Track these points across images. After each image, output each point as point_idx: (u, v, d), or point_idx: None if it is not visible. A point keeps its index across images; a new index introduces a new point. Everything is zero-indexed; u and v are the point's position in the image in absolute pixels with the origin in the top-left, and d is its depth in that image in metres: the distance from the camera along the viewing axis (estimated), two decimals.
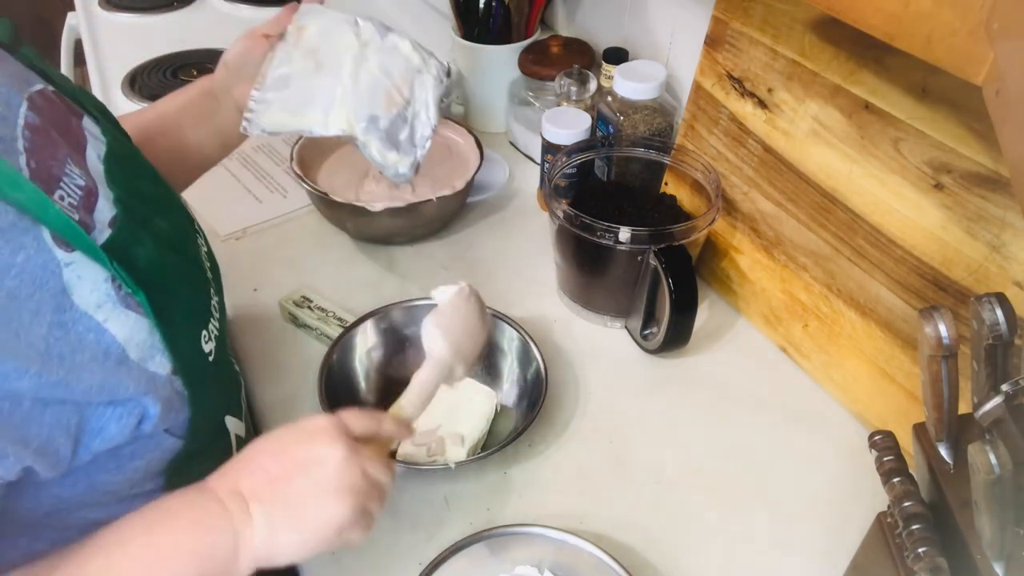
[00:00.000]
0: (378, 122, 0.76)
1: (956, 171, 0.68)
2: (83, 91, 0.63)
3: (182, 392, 0.55)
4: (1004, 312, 0.44)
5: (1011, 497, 0.41)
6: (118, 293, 0.50)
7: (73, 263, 0.48)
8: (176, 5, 1.64)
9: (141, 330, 0.51)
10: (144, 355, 0.51)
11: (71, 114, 0.57)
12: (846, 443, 0.79)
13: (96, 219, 0.52)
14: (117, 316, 0.50)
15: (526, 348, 0.82)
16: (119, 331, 0.50)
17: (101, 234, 0.51)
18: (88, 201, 0.52)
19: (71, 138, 0.55)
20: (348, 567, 0.68)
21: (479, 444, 0.76)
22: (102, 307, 0.49)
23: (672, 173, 0.98)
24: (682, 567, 0.68)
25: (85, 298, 0.48)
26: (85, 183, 0.52)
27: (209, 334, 0.60)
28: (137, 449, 0.54)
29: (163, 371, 0.53)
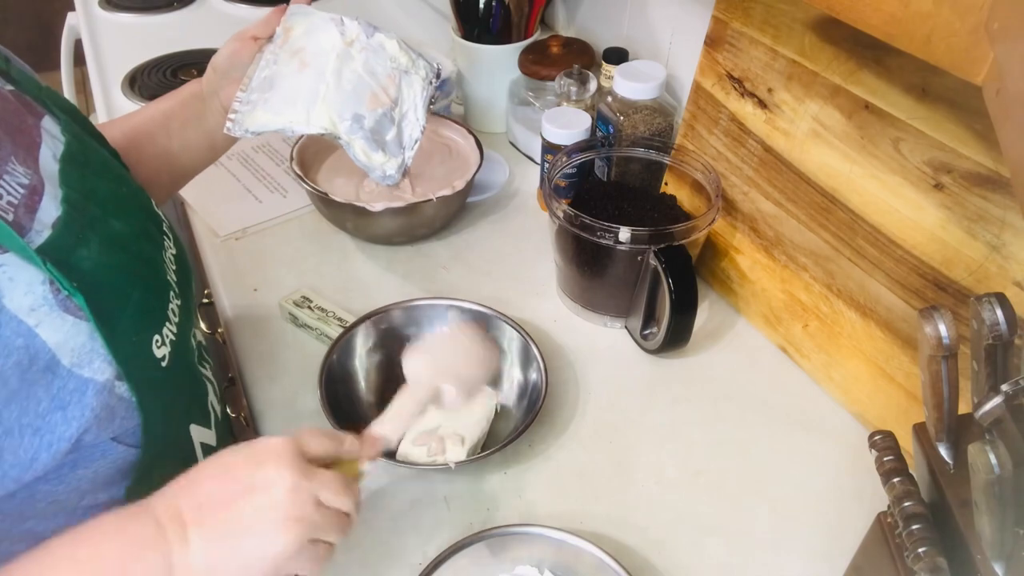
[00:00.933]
0: (362, 121, 0.76)
1: (956, 171, 0.68)
2: (50, 91, 0.62)
3: (128, 398, 0.53)
4: (1004, 312, 0.44)
5: (1011, 497, 0.41)
6: (56, 296, 0.49)
7: (5, 265, 0.47)
8: (176, 5, 1.64)
9: (79, 334, 0.50)
10: (80, 360, 0.50)
11: (28, 113, 0.56)
12: (846, 443, 0.79)
13: (37, 219, 0.51)
14: (52, 320, 0.48)
15: (526, 348, 0.82)
16: (51, 336, 0.48)
17: (40, 235, 0.50)
18: (31, 200, 0.51)
19: (22, 137, 0.54)
20: (347, 567, 0.68)
21: (479, 444, 0.76)
22: (36, 311, 0.48)
23: (672, 173, 0.98)
24: (682, 567, 0.68)
25: (17, 301, 0.47)
26: (30, 182, 0.51)
27: (163, 339, 0.57)
28: (79, 458, 0.52)
29: (101, 377, 0.51)
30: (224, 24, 1.58)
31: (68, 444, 0.49)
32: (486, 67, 1.19)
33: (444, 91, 1.17)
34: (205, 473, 0.51)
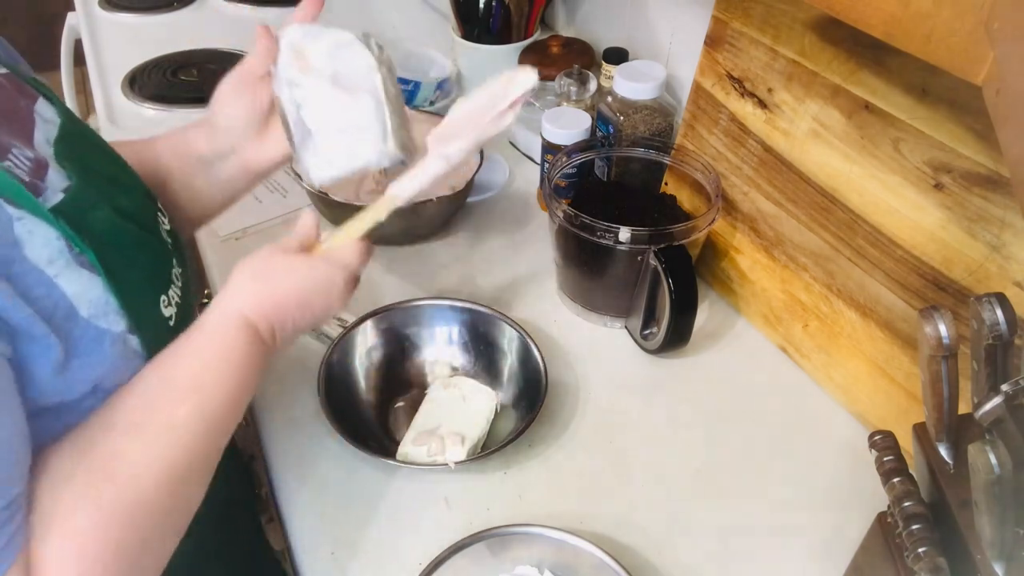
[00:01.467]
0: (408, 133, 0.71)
1: (956, 171, 0.68)
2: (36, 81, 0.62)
3: (139, 351, 0.55)
4: (1004, 312, 0.44)
5: (1011, 497, 0.41)
6: (71, 252, 0.51)
7: (23, 218, 0.49)
8: (176, 5, 1.64)
9: (95, 287, 0.52)
10: (96, 312, 0.52)
11: (22, 96, 0.57)
12: (846, 443, 0.79)
13: (48, 183, 0.52)
14: (69, 273, 0.50)
15: (526, 348, 0.82)
16: (69, 287, 0.50)
17: (54, 195, 0.52)
18: (39, 171, 0.52)
19: (17, 122, 0.55)
20: (348, 567, 0.68)
21: (479, 444, 0.76)
22: (54, 263, 0.50)
23: (672, 173, 0.98)
24: (682, 567, 0.68)
25: (36, 252, 0.49)
26: (34, 156, 0.53)
27: (169, 299, 0.60)
28: (97, 403, 0.54)
29: (116, 328, 0.53)
30: (224, 24, 1.58)
31: (89, 386, 0.52)
32: (486, 67, 1.19)
33: (444, 91, 1.17)
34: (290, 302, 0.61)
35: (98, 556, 0.48)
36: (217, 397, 0.56)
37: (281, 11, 1.64)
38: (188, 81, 1.35)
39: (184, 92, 1.32)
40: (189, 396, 0.55)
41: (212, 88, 0.75)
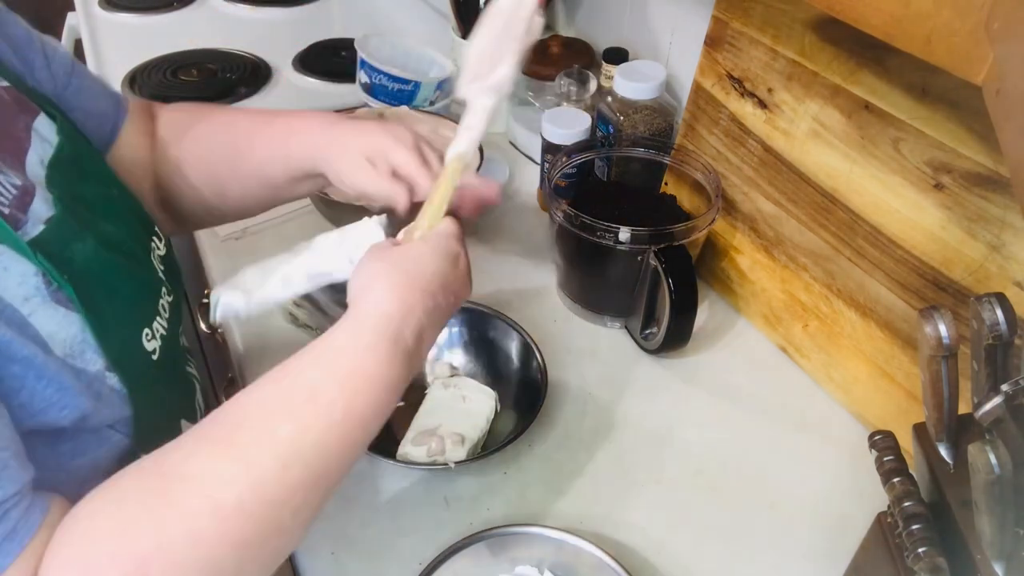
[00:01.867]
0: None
1: (956, 171, 0.68)
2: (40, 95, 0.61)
3: (119, 390, 0.53)
4: (1004, 312, 0.44)
5: (1011, 497, 0.41)
6: (48, 288, 0.49)
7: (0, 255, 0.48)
8: (176, 5, 1.64)
9: (71, 325, 0.50)
10: (72, 351, 0.50)
11: (21, 113, 0.56)
12: (846, 443, 0.79)
13: (31, 214, 0.51)
14: (45, 311, 0.49)
15: (526, 348, 0.82)
16: (44, 326, 0.49)
17: (33, 228, 0.51)
18: (22, 200, 0.51)
19: (10, 141, 0.54)
20: (348, 567, 0.68)
21: (479, 444, 0.76)
22: (30, 300, 0.48)
23: (672, 173, 0.98)
24: (682, 567, 0.68)
25: (11, 291, 0.48)
26: (22, 183, 0.52)
27: (153, 333, 0.57)
28: (79, 445, 0.52)
29: (92, 368, 0.51)
30: (224, 24, 1.58)
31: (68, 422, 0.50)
32: None
33: (444, 91, 1.17)
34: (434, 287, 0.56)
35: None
36: (329, 419, 0.49)
37: (281, 11, 1.64)
38: (188, 81, 1.35)
39: (184, 92, 1.32)
40: (298, 410, 0.49)
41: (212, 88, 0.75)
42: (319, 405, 0.49)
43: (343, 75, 1.33)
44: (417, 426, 0.77)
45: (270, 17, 1.63)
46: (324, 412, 0.49)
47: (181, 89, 1.33)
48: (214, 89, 1.32)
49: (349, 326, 0.53)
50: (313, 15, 1.64)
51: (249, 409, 0.49)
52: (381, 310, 0.53)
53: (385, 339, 0.52)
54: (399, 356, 0.53)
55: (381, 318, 0.53)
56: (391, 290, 0.54)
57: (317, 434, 0.48)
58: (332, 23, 1.60)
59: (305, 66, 1.41)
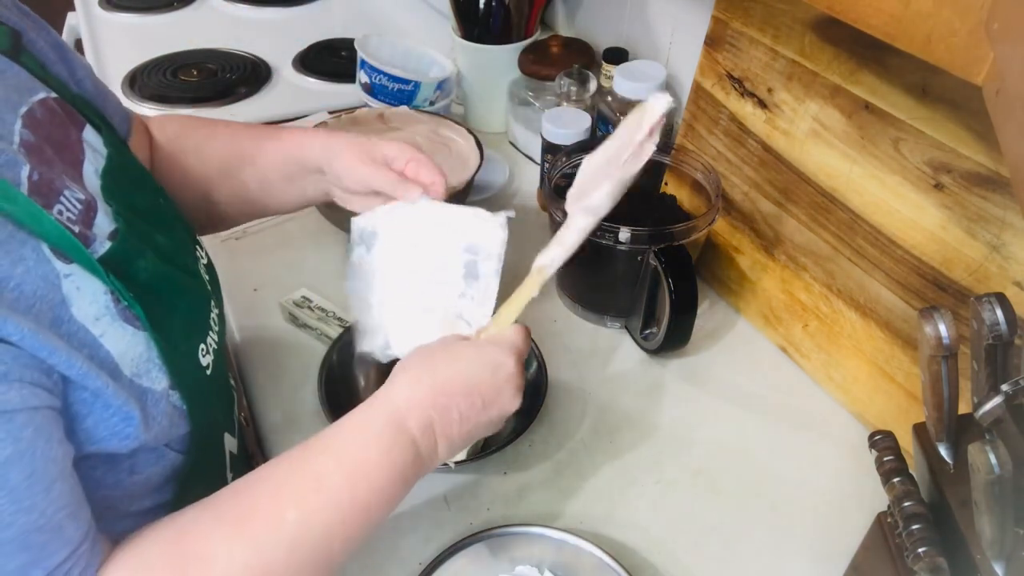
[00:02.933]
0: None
1: (956, 171, 0.68)
2: (83, 101, 0.61)
3: (180, 407, 0.54)
4: (1004, 312, 0.44)
5: (1011, 497, 0.41)
6: (117, 306, 0.50)
7: (72, 275, 0.47)
8: (176, 5, 1.64)
9: (138, 344, 0.51)
10: (139, 370, 0.51)
11: (72, 125, 0.56)
12: (846, 443, 0.79)
13: (95, 232, 0.51)
14: (115, 330, 0.49)
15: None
16: (115, 346, 0.49)
17: (101, 246, 0.51)
18: (87, 215, 0.51)
19: (68, 153, 0.54)
20: (348, 567, 0.68)
21: (479, 444, 0.76)
22: (100, 320, 0.49)
23: (672, 173, 0.98)
24: (682, 567, 0.68)
25: (84, 310, 0.48)
26: (84, 197, 0.52)
27: (207, 347, 0.59)
28: (136, 463, 0.53)
29: (159, 387, 0.52)
30: (224, 24, 1.58)
31: (127, 450, 0.50)
32: (486, 67, 1.19)
33: (444, 91, 1.17)
34: (454, 388, 0.57)
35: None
36: (335, 507, 0.51)
37: (281, 11, 1.64)
38: (188, 81, 1.35)
39: (184, 92, 1.32)
40: (305, 497, 0.51)
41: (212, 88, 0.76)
42: (325, 493, 0.51)
43: (343, 75, 1.33)
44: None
45: (270, 17, 1.63)
46: (330, 500, 0.51)
47: (181, 89, 1.33)
48: (214, 89, 1.33)
49: (361, 412, 0.56)
50: (313, 15, 1.64)
51: (262, 492, 0.52)
52: (391, 400, 0.56)
53: (390, 427, 0.55)
54: (404, 446, 0.54)
55: (389, 407, 0.55)
56: (407, 384, 0.57)
57: (323, 521, 0.51)
58: (332, 23, 1.60)
59: (305, 66, 1.41)
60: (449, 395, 0.57)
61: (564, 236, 0.65)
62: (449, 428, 0.57)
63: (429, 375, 0.57)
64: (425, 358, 0.59)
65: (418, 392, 0.56)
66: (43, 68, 0.58)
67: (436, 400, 0.56)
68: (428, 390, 0.56)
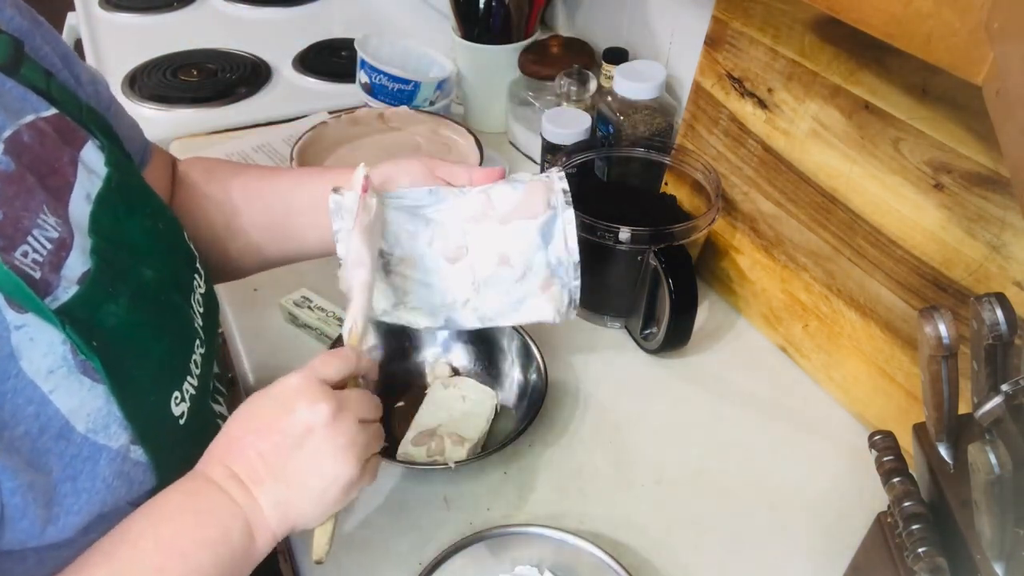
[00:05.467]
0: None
1: (956, 171, 0.68)
2: (90, 110, 0.59)
3: (144, 462, 0.51)
4: (1004, 312, 0.44)
5: (1011, 497, 0.41)
6: (75, 358, 0.47)
7: (25, 325, 0.45)
8: (176, 5, 1.64)
9: (96, 398, 0.48)
10: (95, 426, 0.48)
11: (66, 145, 0.53)
12: (846, 443, 0.79)
13: (63, 275, 0.49)
14: (69, 384, 0.47)
15: (526, 348, 0.82)
16: (66, 402, 0.47)
17: (65, 292, 0.48)
18: (57, 256, 0.49)
19: (56, 178, 0.51)
20: (348, 567, 0.68)
21: (479, 444, 0.76)
22: (54, 373, 0.46)
23: (672, 173, 0.98)
24: (682, 567, 0.68)
25: (36, 363, 0.46)
26: (59, 234, 0.50)
27: (183, 395, 0.55)
28: (93, 525, 0.50)
29: (115, 443, 0.49)
30: (224, 24, 1.58)
31: (78, 517, 0.48)
32: (486, 67, 1.19)
33: (444, 91, 1.17)
34: (243, 430, 0.52)
35: None
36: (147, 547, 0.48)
37: (281, 11, 1.64)
38: (188, 81, 1.35)
39: (184, 92, 1.32)
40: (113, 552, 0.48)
41: (212, 88, 0.75)
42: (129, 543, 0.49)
43: (343, 75, 1.33)
44: (417, 426, 0.77)
45: (270, 17, 1.63)
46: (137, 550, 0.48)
47: (181, 89, 1.33)
48: (214, 89, 1.32)
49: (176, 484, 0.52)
50: (313, 15, 1.64)
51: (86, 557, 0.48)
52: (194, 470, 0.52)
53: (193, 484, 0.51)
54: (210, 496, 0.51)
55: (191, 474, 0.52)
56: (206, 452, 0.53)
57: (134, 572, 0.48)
58: (332, 23, 1.60)
59: (305, 66, 1.41)
60: (238, 439, 0.52)
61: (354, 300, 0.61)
62: (256, 472, 0.51)
63: (222, 432, 0.53)
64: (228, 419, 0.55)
65: (214, 445, 0.53)
66: (47, 77, 0.56)
67: (230, 447, 0.52)
68: (222, 441, 0.53)
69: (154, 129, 1.22)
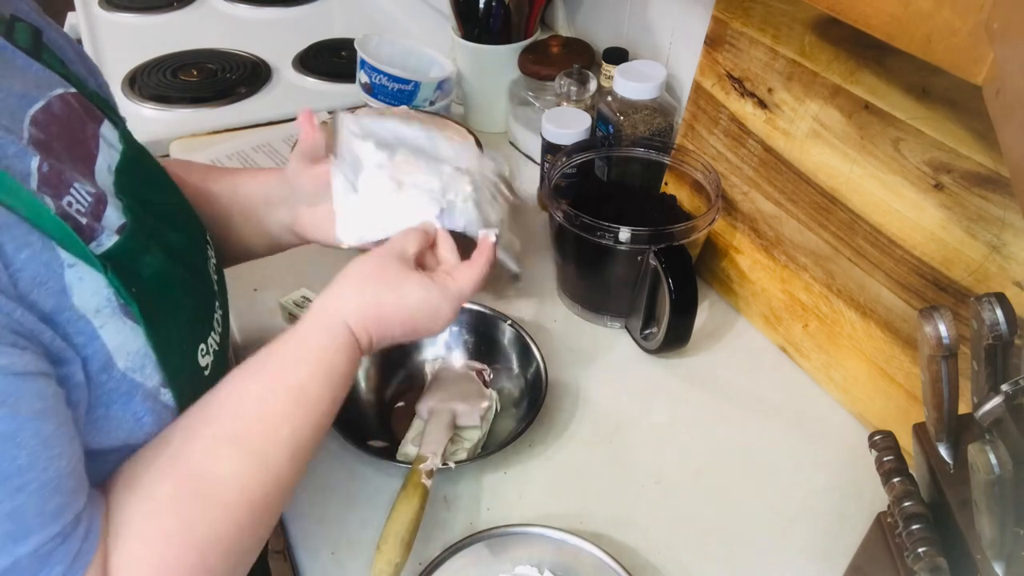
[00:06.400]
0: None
1: (956, 171, 0.68)
2: (102, 99, 0.62)
3: (171, 406, 0.54)
4: (1004, 312, 0.44)
5: (1011, 497, 0.41)
6: (117, 301, 0.50)
7: (76, 265, 0.48)
8: (176, 5, 1.64)
9: (136, 339, 0.51)
10: (133, 365, 0.51)
11: (89, 120, 0.56)
12: (846, 443, 0.79)
13: (104, 225, 0.51)
14: (114, 323, 0.50)
15: (526, 348, 0.82)
16: (112, 338, 0.49)
17: (108, 239, 0.51)
18: (97, 208, 0.52)
19: (81, 149, 0.54)
20: (348, 567, 0.68)
21: (479, 444, 0.76)
22: (100, 312, 0.49)
23: (672, 173, 0.98)
24: (682, 567, 0.68)
25: (86, 301, 0.48)
26: (95, 191, 0.52)
27: (208, 347, 0.59)
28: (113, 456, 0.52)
29: (149, 383, 0.52)
30: (224, 24, 1.58)
31: (107, 439, 0.51)
32: (486, 67, 1.19)
33: (444, 91, 1.17)
34: (395, 317, 0.62)
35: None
36: (317, 413, 0.57)
37: (281, 11, 1.64)
38: (188, 81, 1.35)
39: (184, 92, 1.32)
40: (293, 412, 0.56)
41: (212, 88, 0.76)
42: (307, 404, 0.56)
43: (343, 75, 1.33)
44: (417, 426, 0.77)
45: (270, 17, 1.63)
46: (313, 409, 0.57)
47: (181, 89, 1.33)
48: (214, 89, 1.32)
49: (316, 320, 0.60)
50: (313, 15, 1.64)
51: (251, 408, 0.55)
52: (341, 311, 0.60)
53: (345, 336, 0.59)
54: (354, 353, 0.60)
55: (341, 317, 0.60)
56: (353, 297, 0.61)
57: (310, 425, 0.56)
58: (332, 23, 1.60)
59: (305, 66, 1.41)
60: (389, 321, 0.61)
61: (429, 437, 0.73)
62: (382, 342, 0.62)
63: (374, 296, 0.61)
64: (373, 278, 0.62)
65: (365, 310, 0.60)
66: (63, 65, 0.58)
67: (379, 322, 0.61)
68: (374, 311, 0.61)
69: (154, 129, 1.23)
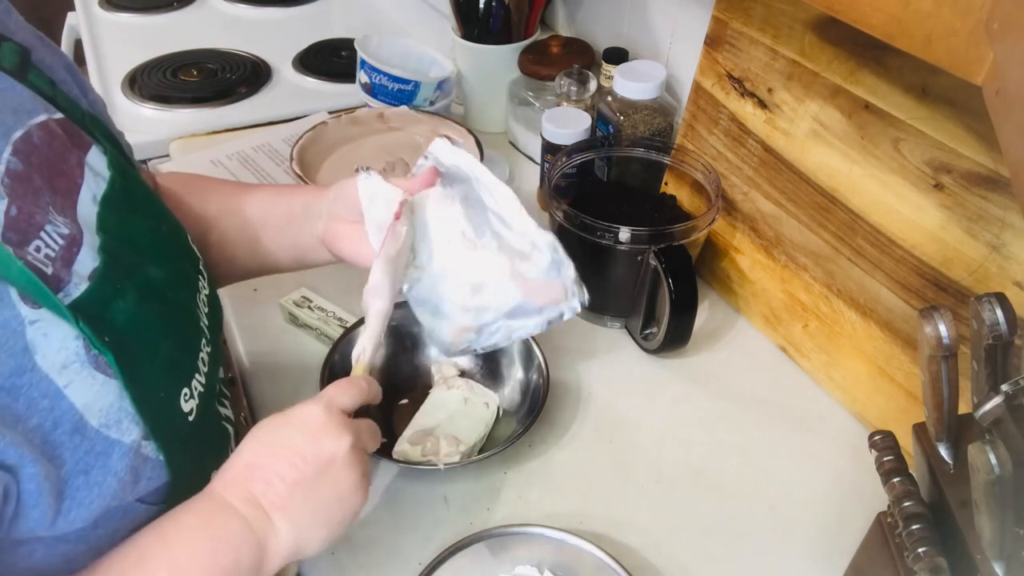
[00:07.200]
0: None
1: (956, 171, 0.68)
2: (92, 117, 0.60)
3: (155, 458, 0.51)
4: (1004, 312, 0.44)
5: (1011, 497, 0.41)
6: (88, 353, 0.48)
7: (39, 320, 0.46)
8: (176, 5, 1.64)
9: (109, 393, 0.49)
10: (108, 420, 0.48)
11: (73, 148, 0.54)
12: (846, 443, 0.79)
13: (74, 271, 0.49)
14: (82, 380, 0.47)
15: (527, 348, 0.82)
16: (80, 397, 0.47)
17: (76, 288, 0.49)
18: (69, 252, 0.49)
19: (63, 180, 0.52)
20: (348, 567, 0.68)
21: (475, 448, 0.76)
22: (68, 368, 0.47)
23: (672, 173, 0.98)
24: (682, 567, 0.68)
25: (50, 358, 0.46)
26: (69, 232, 0.50)
27: (191, 391, 0.56)
28: (101, 519, 0.50)
29: (128, 438, 0.49)
30: (224, 24, 1.58)
31: (88, 511, 0.48)
32: (486, 67, 1.19)
33: (444, 91, 1.17)
34: (262, 455, 0.54)
35: None
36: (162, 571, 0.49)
37: (281, 11, 1.64)
38: (188, 81, 1.35)
39: (184, 92, 1.32)
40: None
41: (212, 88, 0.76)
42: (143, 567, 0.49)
43: (343, 75, 1.33)
44: (416, 424, 0.77)
45: (270, 17, 1.63)
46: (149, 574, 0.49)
47: (181, 89, 1.33)
48: (214, 89, 1.32)
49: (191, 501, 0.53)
50: (313, 15, 1.65)
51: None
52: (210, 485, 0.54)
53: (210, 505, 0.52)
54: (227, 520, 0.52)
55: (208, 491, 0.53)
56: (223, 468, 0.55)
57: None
58: (332, 23, 1.60)
59: (305, 66, 1.41)
60: (259, 464, 0.53)
61: (368, 325, 0.64)
62: (278, 497, 0.53)
63: (238, 455, 0.55)
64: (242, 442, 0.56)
65: (231, 468, 0.54)
66: (52, 86, 0.56)
67: (252, 473, 0.53)
68: (240, 465, 0.54)
69: (154, 129, 1.23)
